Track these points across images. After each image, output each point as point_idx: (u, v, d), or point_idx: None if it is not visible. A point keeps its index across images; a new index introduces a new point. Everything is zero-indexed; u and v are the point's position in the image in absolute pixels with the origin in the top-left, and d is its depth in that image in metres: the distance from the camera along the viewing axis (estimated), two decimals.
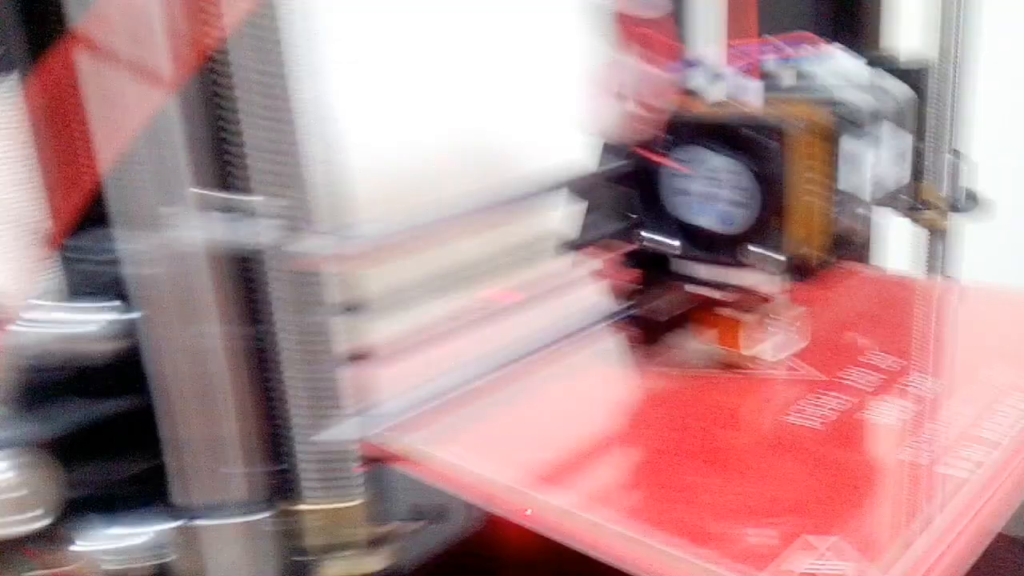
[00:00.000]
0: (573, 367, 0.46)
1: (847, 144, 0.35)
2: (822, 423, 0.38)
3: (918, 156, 0.58)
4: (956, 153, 0.58)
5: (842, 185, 0.36)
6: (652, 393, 0.43)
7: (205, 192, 0.25)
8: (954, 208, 0.58)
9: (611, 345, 0.43)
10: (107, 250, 0.24)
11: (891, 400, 0.39)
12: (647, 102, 0.35)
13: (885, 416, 0.38)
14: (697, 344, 0.44)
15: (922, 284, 0.55)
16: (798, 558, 0.28)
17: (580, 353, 0.44)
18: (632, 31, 0.35)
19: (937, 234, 0.58)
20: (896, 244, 0.62)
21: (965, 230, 0.58)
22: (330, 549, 0.26)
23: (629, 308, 0.42)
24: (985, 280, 0.52)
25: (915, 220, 0.57)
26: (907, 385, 0.40)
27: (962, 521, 0.30)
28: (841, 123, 0.34)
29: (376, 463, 0.33)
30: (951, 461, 0.34)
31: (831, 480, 0.33)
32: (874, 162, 0.36)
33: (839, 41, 0.46)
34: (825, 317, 0.50)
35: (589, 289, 0.45)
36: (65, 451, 0.25)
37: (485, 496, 0.35)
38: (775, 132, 0.32)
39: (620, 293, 0.43)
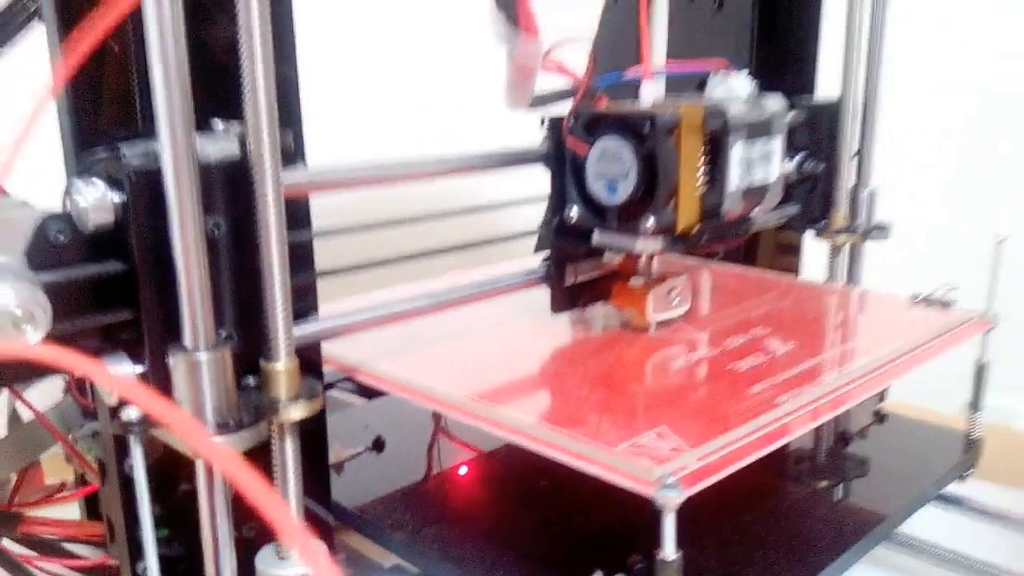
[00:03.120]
0: (504, 316, 0.55)
1: (719, 138, 0.44)
2: (691, 365, 0.47)
3: (833, 188, 0.68)
4: (865, 186, 0.66)
5: (713, 172, 0.45)
6: (566, 339, 0.52)
7: None
8: (863, 234, 0.67)
9: (539, 302, 0.52)
10: None
11: (752, 356, 0.48)
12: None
13: (742, 365, 0.46)
14: (608, 308, 0.53)
15: (815, 285, 0.64)
16: (641, 439, 0.38)
17: (511, 306, 0.53)
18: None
19: (844, 252, 0.66)
20: (810, 260, 0.71)
21: (867, 249, 0.67)
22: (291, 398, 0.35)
23: (555, 272, 0.50)
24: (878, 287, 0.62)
25: (830, 242, 0.66)
26: (769, 348, 0.49)
27: (757, 429, 0.39)
28: (712, 120, 0.43)
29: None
30: (774, 394, 0.43)
31: (682, 398, 0.43)
32: (741, 157, 0.45)
33: (770, 77, 0.56)
34: (722, 301, 0.59)
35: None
36: None
37: (427, 401, 0.44)
38: (650, 119, 0.41)
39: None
